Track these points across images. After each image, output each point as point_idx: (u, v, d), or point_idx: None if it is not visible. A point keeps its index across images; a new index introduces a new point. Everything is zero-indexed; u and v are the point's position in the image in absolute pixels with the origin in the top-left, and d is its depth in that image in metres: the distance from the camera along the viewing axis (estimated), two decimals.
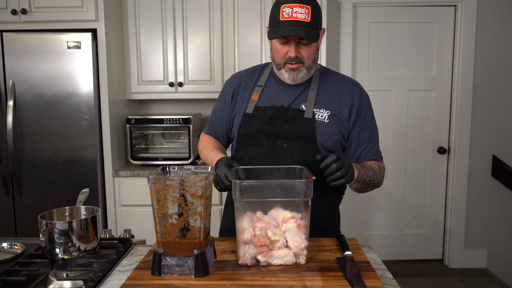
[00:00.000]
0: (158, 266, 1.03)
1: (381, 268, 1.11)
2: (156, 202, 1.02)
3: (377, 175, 1.38)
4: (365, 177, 1.32)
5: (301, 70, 1.33)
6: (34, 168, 2.53)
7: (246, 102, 1.43)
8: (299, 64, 1.31)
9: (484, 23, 3.14)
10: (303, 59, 1.31)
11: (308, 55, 1.31)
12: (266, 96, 1.41)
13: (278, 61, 1.34)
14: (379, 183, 1.40)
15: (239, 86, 1.47)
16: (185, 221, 1.02)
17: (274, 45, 1.32)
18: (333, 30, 3.16)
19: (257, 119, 1.38)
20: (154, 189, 1.01)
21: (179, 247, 1.03)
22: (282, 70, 1.34)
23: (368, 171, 1.34)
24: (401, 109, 3.29)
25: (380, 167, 1.42)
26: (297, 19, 1.23)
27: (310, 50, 1.31)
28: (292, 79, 1.35)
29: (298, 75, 1.33)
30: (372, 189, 1.40)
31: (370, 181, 1.35)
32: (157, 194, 1.01)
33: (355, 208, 3.38)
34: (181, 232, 1.03)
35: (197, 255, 1.02)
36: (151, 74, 2.87)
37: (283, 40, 1.28)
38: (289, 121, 1.36)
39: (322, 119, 1.36)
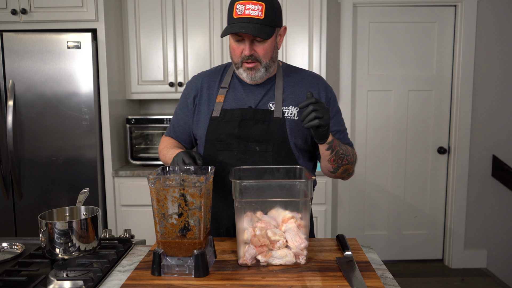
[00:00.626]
0: (158, 266, 1.03)
1: (381, 268, 1.11)
2: (156, 202, 1.02)
3: (350, 154, 1.35)
4: (339, 148, 1.29)
5: (258, 69, 1.30)
6: (34, 168, 2.53)
7: (212, 105, 1.39)
8: (256, 63, 1.29)
9: (484, 23, 3.14)
10: (259, 57, 1.28)
11: (264, 54, 1.28)
12: (232, 98, 1.38)
13: (235, 60, 1.31)
14: (352, 165, 1.37)
15: (201, 88, 1.42)
16: (185, 221, 1.02)
17: (231, 44, 1.31)
18: (333, 30, 3.16)
19: (226, 122, 1.35)
20: (154, 189, 1.01)
21: (179, 247, 1.03)
22: (240, 70, 1.32)
23: (342, 145, 1.32)
24: (401, 109, 3.29)
25: (353, 151, 1.40)
26: (249, 16, 1.21)
27: (266, 48, 1.28)
28: (250, 79, 1.32)
29: (256, 74, 1.31)
30: (345, 171, 1.36)
31: (343, 155, 1.31)
32: (157, 194, 1.01)
33: (355, 208, 3.38)
34: (181, 232, 1.03)
35: (197, 255, 1.02)
36: (151, 74, 2.87)
37: (238, 38, 1.27)
38: (259, 122, 1.33)
39: (291, 116, 1.35)
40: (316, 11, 2.81)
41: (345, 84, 3.20)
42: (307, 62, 2.86)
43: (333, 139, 1.27)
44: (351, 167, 1.37)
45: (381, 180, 3.36)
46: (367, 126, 3.31)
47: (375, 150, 3.33)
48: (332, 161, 1.31)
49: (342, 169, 1.34)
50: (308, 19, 2.82)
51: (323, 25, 2.82)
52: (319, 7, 2.80)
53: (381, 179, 3.36)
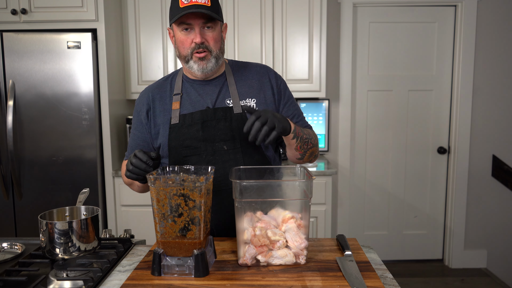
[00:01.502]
0: (158, 266, 1.03)
1: (381, 268, 1.11)
2: (156, 202, 1.02)
3: (313, 136, 1.37)
4: (302, 133, 1.30)
5: (209, 59, 1.29)
6: (34, 168, 2.53)
7: (168, 113, 1.36)
8: (207, 53, 1.28)
9: (484, 23, 3.14)
10: (209, 46, 1.28)
11: (214, 42, 1.28)
12: (187, 102, 1.36)
13: (185, 52, 1.29)
14: (317, 146, 1.40)
15: (153, 100, 1.40)
16: (185, 221, 1.02)
17: (178, 37, 1.29)
18: (333, 30, 3.16)
19: (187, 127, 1.32)
20: (154, 189, 1.01)
21: (179, 247, 1.03)
22: (191, 62, 1.30)
23: (303, 130, 1.33)
24: (401, 109, 3.29)
25: (314, 132, 1.42)
26: (197, 3, 1.21)
27: (215, 36, 1.28)
28: (201, 70, 1.30)
29: (207, 64, 1.29)
30: (311, 154, 1.38)
31: (307, 139, 1.32)
32: (157, 194, 1.01)
33: (355, 208, 3.38)
34: (181, 232, 1.03)
35: (197, 255, 1.02)
36: (151, 74, 2.87)
37: (186, 26, 1.26)
38: (221, 121, 1.32)
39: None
40: (316, 11, 2.81)
41: (345, 84, 3.20)
42: (307, 62, 2.86)
43: (295, 127, 1.27)
44: (316, 149, 1.39)
45: (381, 180, 3.36)
46: (367, 126, 3.31)
47: (375, 150, 3.33)
48: (298, 148, 1.32)
49: (308, 153, 1.36)
50: (308, 19, 2.82)
51: (323, 25, 2.82)
52: (319, 7, 2.80)
53: (381, 179, 3.36)
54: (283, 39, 2.84)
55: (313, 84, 2.87)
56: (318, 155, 1.44)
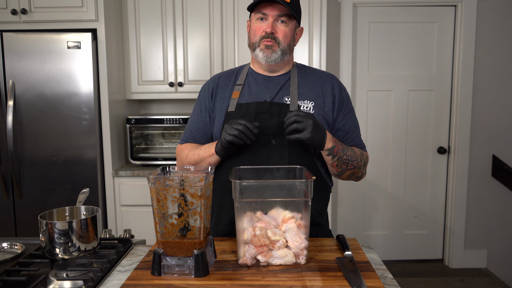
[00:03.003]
0: (158, 266, 1.03)
1: (381, 268, 1.11)
2: (156, 202, 1.02)
3: (357, 158, 1.34)
4: (342, 153, 1.29)
5: (275, 50, 1.32)
6: (34, 168, 2.53)
7: (227, 101, 1.39)
8: (274, 43, 1.31)
9: (484, 23, 3.14)
10: (278, 38, 1.31)
11: (284, 36, 1.31)
12: (247, 93, 1.39)
13: (254, 40, 1.33)
14: (360, 168, 1.36)
15: (217, 87, 1.44)
16: (185, 221, 1.02)
17: (253, 25, 1.34)
18: (333, 30, 3.16)
19: (241, 116, 1.34)
20: (154, 189, 1.01)
21: (179, 247, 1.03)
22: (257, 50, 1.33)
23: (347, 150, 1.31)
24: (401, 109, 3.29)
25: (363, 154, 1.38)
26: None
27: (286, 31, 1.31)
28: (265, 59, 1.33)
29: (272, 54, 1.32)
30: (352, 175, 1.36)
31: (348, 160, 1.30)
32: (157, 194, 1.01)
33: (355, 208, 3.38)
34: (181, 232, 1.03)
35: (197, 255, 1.02)
36: (151, 74, 2.87)
37: (262, 16, 1.30)
38: (275, 115, 1.33)
39: (307, 110, 1.35)
40: (316, 11, 2.81)
41: (345, 84, 3.20)
42: (307, 62, 2.86)
43: (334, 146, 1.27)
44: (358, 171, 1.35)
45: (381, 180, 3.36)
46: (367, 126, 3.31)
47: (375, 150, 3.33)
48: (334, 166, 1.31)
49: (348, 173, 1.34)
50: (308, 19, 2.82)
51: (323, 25, 2.82)
52: (319, 7, 2.80)
53: (381, 179, 3.36)
54: None
55: None
56: (363, 176, 1.40)
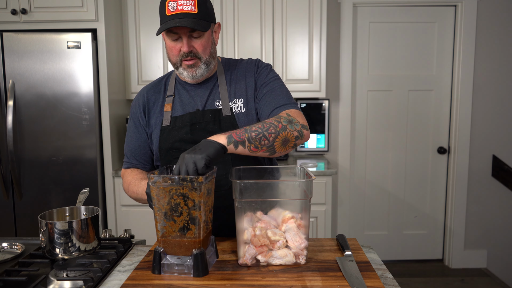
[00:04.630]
0: (158, 265, 1.03)
1: (381, 268, 1.11)
2: (157, 201, 1.02)
3: (271, 124, 1.14)
4: (247, 134, 1.11)
5: (199, 66, 1.27)
6: (34, 168, 2.52)
7: (160, 115, 1.36)
8: (196, 60, 1.26)
9: (484, 23, 3.14)
10: (198, 53, 1.26)
11: (203, 49, 1.26)
12: (179, 104, 1.35)
13: (174, 59, 1.28)
14: (286, 130, 1.15)
15: (148, 101, 1.39)
16: (185, 220, 1.02)
17: (167, 44, 1.28)
18: (333, 30, 3.16)
19: (177, 129, 1.32)
20: (155, 188, 1.01)
21: (179, 246, 1.03)
22: (180, 69, 1.29)
23: (250, 127, 1.13)
24: (401, 109, 3.29)
25: (279, 117, 1.19)
26: (183, 11, 1.19)
27: (203, 43, 1.25)
28: (191, 77, 1.29)
29: (196, 71, 1.28)
30: (286, 141, 1.15)
31: (260, 133, 1.11)
32: (157, 193, 1.02)
33: (355, 208, 3.38)
34: (181, 231, 1.03)
35: (196, 255, 1.02)
36: (151, 74, 2.87)
37: (174, 36, 1.24)
38: (210, 123, 1.30)
39: (239, 110, 1.32)
40: (316, 11, 2.81)
41: (345, 84, 3.20)
42: (307, 62, 2.86)
43: (229, 135, 1.10)
44: (286, 133, 1.15)
45: (381, 180, 3.36)
46: (367, 126, 3.31)
47: (375, 150, 3.33)
48: (254, 149, 1.12)
49: (278, 144, 1.15)
50: (308, 19, 2.82)
51: (323, 25, 2.82)
52: (319, 7, 2.80)
53: (381, 179, 3.36)
54: (283, 39, 2.84)
55: (313, 84, 2.87)
56: (303, 135, 1.19)
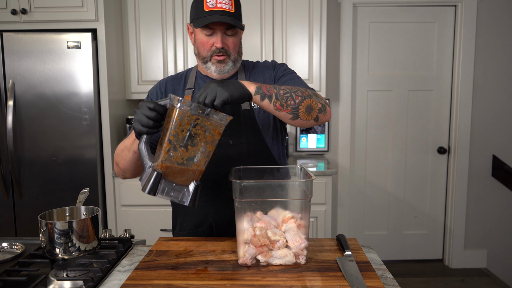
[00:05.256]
0: (155, 186, 1.03)
1: (381, 268, 1.11)
2: (178, 125, 1.01)
3: (298, 89, 1.17)
4: (275, 90, 1.14)
5: (227, 62, 1.32)
6: (34, 168, 2.53)
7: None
8: (226, 56, 1.31)
9: (484, 23, 3.14)
10: (228, 50, 1.31)
11: (234, 47, 1.32)
12: None
13: (204, 54, 1.32)
14: (312, 98, 1.17)
15: (166, 91, 1.41)
16: (197, 151, 1.04)
17: (199, 38, 1.31)
18: (333, 30, 3.16)
19: None
20: (181, 112, 1.01)
21: (181, 173, 1.05)
22: (209, 63, 1.33)
23: (280, 86, 1.17)
24: (401, 109, 3.29)
25: (306, 89, 1.21)
26: (222, 9, 1.23)
27: (235, 41, 1.31)
28: (219, 72, 1.33)
29: (224, 67, 1.33)
30: (310, 109, 1.17)
31: (288, 93, 1.14)
32: (181, 117, 1.01)
33: (355, 208, 3.38)
34: (189, 160, 1.04)
35: (197, 185, 1.06)
36: (151, 74, 2.87)
37: (209, 31, 1.28)
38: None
39: (257, 106, 1.34)
40: (316, 11, 2.81)
41: (345, 84, 3.20)
42: (307, 62, 2.86)
43: (259, 86, 1.13)
44: (311, 101, 1.17)
45: (381, 180, 3.36)
46: (367, 126, 3.31)
47: (375, 150, 3.33)
48: (279, 107, 1.13)
49: (302, 109, 1.15)
50: (308, 19, 2.82)
51: (323, 25, 2.82)
52: (319, 7, 2.80)
53: (381, 179, 3.36)
54: (283, 39, 2.84)
55: (313, 84, 2.87)
56: (327, 110, 1.21)
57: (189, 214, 1.40)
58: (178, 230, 1.45)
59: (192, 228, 1.41)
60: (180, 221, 1.44)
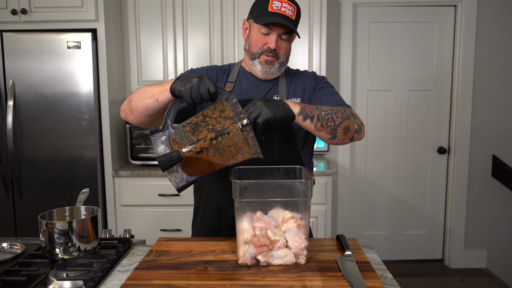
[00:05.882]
0: (170, 166, 1.03)
1: (381, 268, 1.11)
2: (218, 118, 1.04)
3: (339, 110, 1.21)
4: (318, 111, 1.17)
5: (274, 64, 1.34)
6: (34, 168, 2.53)
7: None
8: (274, 58, 1.34)
9: (484, 23, 3.14)
10: (279, 53, 1.33)
11: (284, 51, 1.35)
12: (238, 91, 1.41)
13: (255, 50, 1.34)
14: (350, 119, 1.22)
15: (211, 75, 1.44)
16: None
17: (254, 34, 1.34)
18: (333, 30, 3.16)
19: None
20: (227, 107, 1.05)
21: (196, 167, 1.07)
22: (256, 61, 1.35)
23: (322, 106, 1.21)
24: (401, 109, 3.29)
25: (345, 108, 1.25)
26: (285, 14, 1.28)
27: (287, 46, 1.35)
28: (264, 72, 1.36)
29: (270, 69, 1.35)
30: (347, 130, 1.21)
31: (329, 115, 1.18)
32: (222, 114, 1.05)
33: (355, 208, 3.38)
34: (214, 152, 1.05)
35: (195, 180, 1.09)
36: (151, 74, 2.87)
37: (266, 31, 1.30)
38: None
39: None
40: (316, 11, 2.81)
41: (345, 84, 3.20)
42: (307, 62, 2.86)
43: (303, 107, 1.17)
44: (350, 123, 1.21)
45: (381, 180, 3.36)
46: (367, 126, 3.31)
47: (375, 150, 3.33)
48: (320, 127, 1.18)
49: (340, 130, 1.20)
50: (308, 19, 2.82)
51: (323, 25, 2.82)
52: (319, 7, 2.80)
53: (381, 179, 3.36)
54: None
55: None
56: (362, 130, 1.26)
57: (212, 204, 1.40)
58: (199, 221, 1.45)
59: (215, 218, 1.40)
60: (202, 211, 1.44)
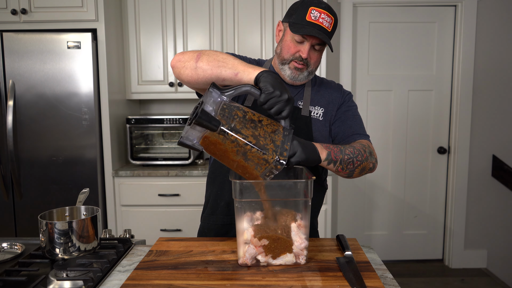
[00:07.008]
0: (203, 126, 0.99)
1: (381, 268, 1.11)
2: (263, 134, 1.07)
3: (360, 152, 1.26)
4: (341, 155, 1.21)
5: (303, 72, 1.34)
6: (34, 168, 2.53)
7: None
8: (304, 66, 1.33)
9: (484, 23, 3.14)
10: (309, 63, 1.33)
11: (315, 61, 1.35)
12: None
13: (287, 56, 1.34)
14: (367, 161, 1.28)
15: None
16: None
17: (288, 40, 1.33)
18: None
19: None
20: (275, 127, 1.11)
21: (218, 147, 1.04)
22: (286, 66, 1.35)
23: (345, 149, 1.24)
24: (401, 109, 3.29)
25: (364, 145, 1.31)
26: (322, 25, 1.26)
27: (318, 57, 1.35)
28: (292, 78, 1.36)
29: (299, 76, 1.35)
30: (363, 170, 1.28)
31: (351, 159, 1.23)
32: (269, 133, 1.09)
33: (355, 208, 3.38)
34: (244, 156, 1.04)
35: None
36: (151, 74, 2.87)
37: (300, 39, 1.29)
38: None
39: (317, 116, 1.39)
40: None
41: (345, 84, 3.20)
42: None
43: (329, 152, 1.20)
44: (367, 164, 1.28)
45: (381, 180, 3.36)
46: (367, 126, 3.30)
47: (375, 150, 3.32)
48: (340, 170, 1.24)
49: (357, 171, 1.27)
50: None
51: None
52: None
53: (381, 179, 3.36)
54: None
55: None
56: (375, 166, 1.34)
57: (224, 199, 1.40)
58: (209, 214, 1.45)
59: (227, 213, 1.40)
60: (213, 204, 1.43)
